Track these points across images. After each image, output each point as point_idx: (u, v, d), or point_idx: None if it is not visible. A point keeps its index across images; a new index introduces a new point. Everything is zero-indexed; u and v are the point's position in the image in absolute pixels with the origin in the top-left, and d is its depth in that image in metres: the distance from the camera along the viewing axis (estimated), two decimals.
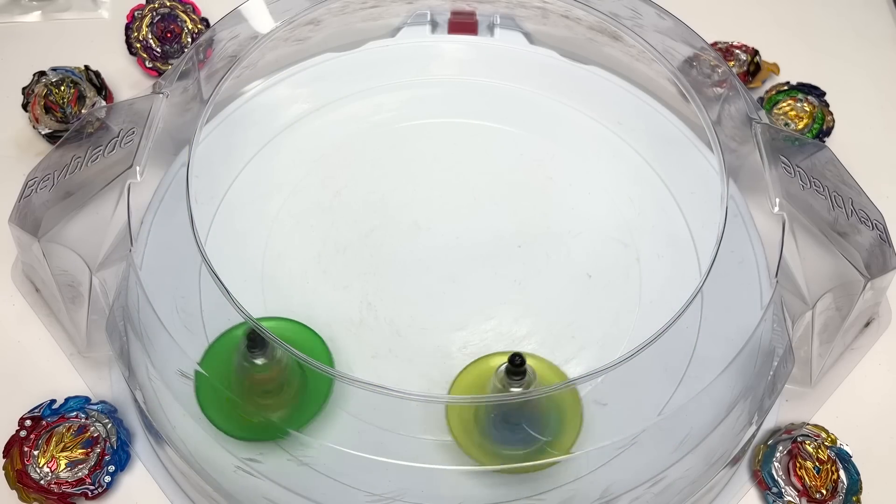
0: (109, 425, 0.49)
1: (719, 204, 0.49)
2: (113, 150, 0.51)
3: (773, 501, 0.49)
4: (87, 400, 0.50)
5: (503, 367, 0.42)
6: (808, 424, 0.51)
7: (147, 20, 0.65)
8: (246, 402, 0.45)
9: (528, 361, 0.41)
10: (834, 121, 0.63)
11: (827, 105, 0.64)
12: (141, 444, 0.50)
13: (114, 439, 0.49)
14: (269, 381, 0.44)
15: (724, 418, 0.46)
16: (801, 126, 0.63)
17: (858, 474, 0.49)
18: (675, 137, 0.58)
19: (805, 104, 0.63)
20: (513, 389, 0.41)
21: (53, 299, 0.53)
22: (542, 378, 0.44)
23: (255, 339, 0.42)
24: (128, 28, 0.65)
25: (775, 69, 0.66)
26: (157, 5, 0.66)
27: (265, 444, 0.45)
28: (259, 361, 0.43)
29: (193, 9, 0.66)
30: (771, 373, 0.47)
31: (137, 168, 0.49)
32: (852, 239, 0.51)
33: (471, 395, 0.45)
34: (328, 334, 0.49)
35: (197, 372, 0.45)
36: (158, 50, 0.65)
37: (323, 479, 0.44)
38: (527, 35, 0.63)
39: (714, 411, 0.46)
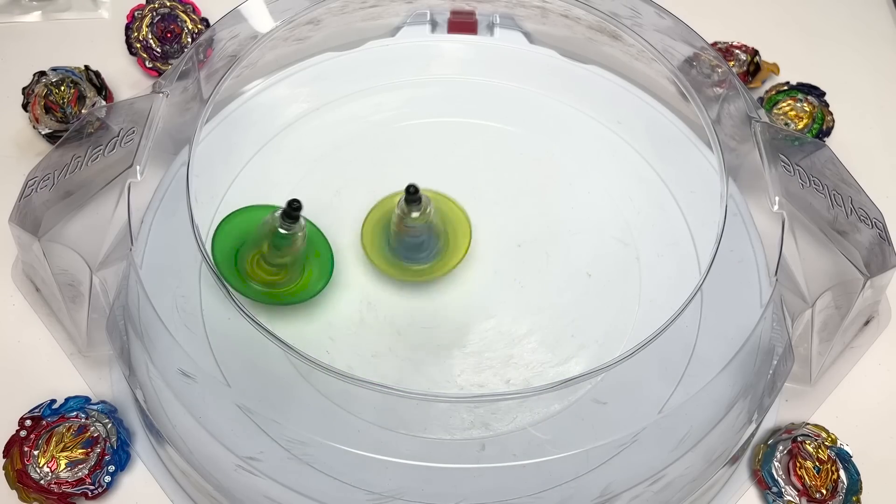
0: (109, 425, 0.49)
1: (719, 203, 0.49)
2: (113, 149, 0.51)
3: (773, 501, 0.49)
4: (87, 400, 0.50)
5: (402, 198, 0.48)
6: (808, 424, 0.51)
7: (147, 20, 0.65)
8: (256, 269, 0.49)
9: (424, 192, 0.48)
10: (834, 121, 0.63)
11: (827, 105, 0.64)
12: (141, 444, 0.50)
13: (114, 439, 0.49)
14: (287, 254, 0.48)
15: (724, 417, 0.46)
16: (800, 126, 0.63)
17: (858, 474, 0.49)
18: (674, 137, 0.58)
19: (805, 104, 0.63)
20: (413, 214, 0.49)
21: (54, 299, 0.53)
22: (436, 203, 0.50)
23: (291, 211, 0.46)
24: (128, 28, 0.66)
25: (775, 69, 0.66)
26: (157, 5, 0.66)
27: (266, 442, 0.45)
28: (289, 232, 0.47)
29: (193, 9, 0.66)
30: (770, 371, 0.48)
31: (137, 167, 0.49)
32: (852, 237, 0.51)
33: (377, 233, 0.52)
34: (329, 334, 0.49)
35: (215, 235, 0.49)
36: (158, 50, 0.65)
37: (323, 477, 0.45)
38: (526, 34, 0.63)
39: (714, 410, 0.46)
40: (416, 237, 0.50)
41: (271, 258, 0.48)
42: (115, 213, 0.50)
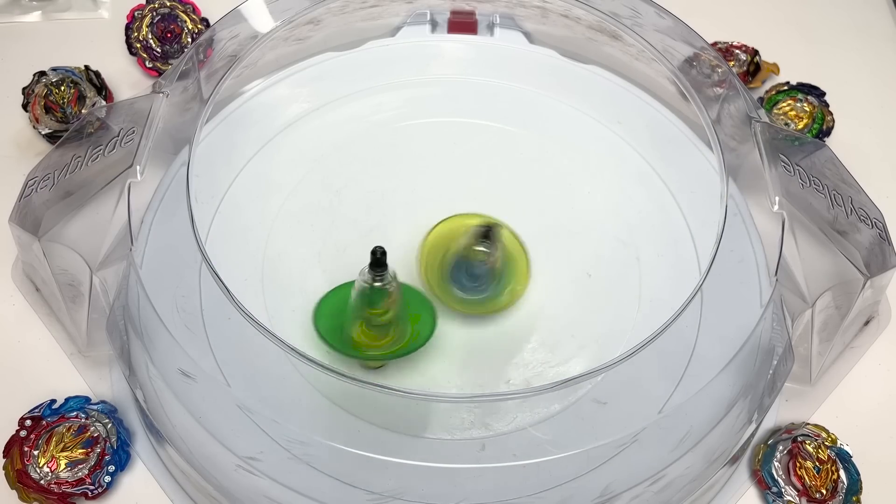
0: (109, 425, 0.49)
1: (719, 203, 0.49)
2: (113, 149, 0.51)
3: (773, 501, 0.49)
4: (87, 400, 0.50)
5: (474, 229, 0.49)
6: (808, 424, 0.51)
7: (147, 20, 0.65)
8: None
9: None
10: (834, 121, 0.63)
11: (827, 105, 0.64)
12: (141, 444, 0.50)
13: (114, 439, 0.49)
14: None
15: (724, 417, 0.46)
16: (801, 126, 0.63)
17: (858, 474, 0.49)
18: (675, 137, 0.58)
19: (805, 104, 0.63)
20: (479, 248, 0.49)
21: (54, 299, 0.53)
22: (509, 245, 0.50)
23: (379, 260, 0.46)
24: (128, 28, 0.66)
25: (775, 69, 0.66)
26: (157, 5, 0.66)
27: (266, 442, 0.45)
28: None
29: (193, 9, 0.66)
30: (770, 371, 0.48)
31: (138, 167, 0.49)
32: (852, 237, 0.51)
33: (442, 253, 0.51)
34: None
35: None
36: (158, 50, 0.65)
37: (323, 477, 0.45)
38: (526, 34, 0.63)
39: (714, 410, 0.46)
40: (480, 268, 0.49)
41: (374, 320, 0.47)
42: (115, 213, 0.50)
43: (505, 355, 0.49)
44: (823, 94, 0.65)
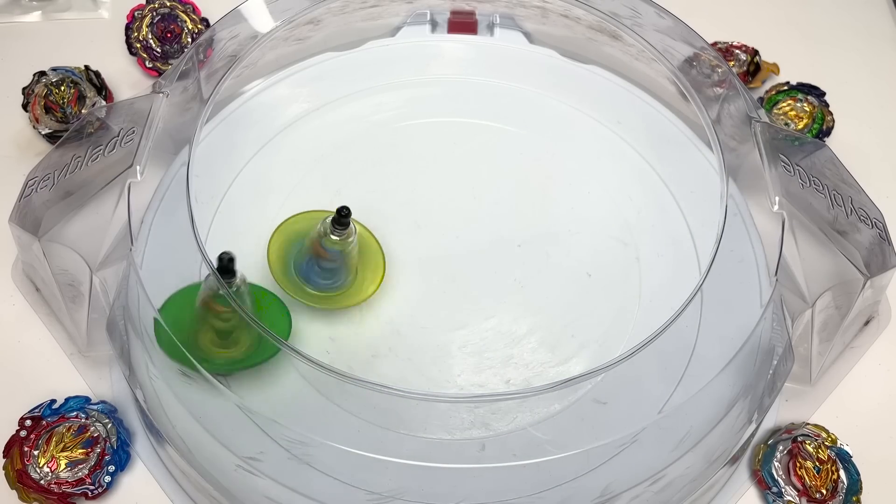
0: (109, 425, 0.49)
1: (719, 203, 0.49)
2: (113, 149, 0.51)
3: (773, 501, 0.49)
4: (87, 400, 0.50)
5: (329, 218, 0.48)
6: (808, 424, 0.51)
7: (147, 20, 0.65)
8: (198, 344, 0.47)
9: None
10: (834, 121, 0.63)
11: (827, 105, 0.64)
12: (141, 444, 0.50)
13: (114, 439, 0.49)
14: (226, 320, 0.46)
15: (724, 417, 0.46)
16: (801, 126, 0.63)
17: (858, 474, 0.49)
18: (674, 137, 0.58)
19: (805, 104, 0.63)
20: (332, 237, 0.48)
21: (54, 299, 0.53)
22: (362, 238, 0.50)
23: (225, 266, 0.44)
24: (128, 28, 0.66)
25: (775, 69, 0.66)
26: (157, 5, 0.66)
27: (266, 442, 0.45)
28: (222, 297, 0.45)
29: (193, 9, 0.66)
30: (770, 371, 0.48)
31: (138, 167, 0.49)
32: (852, 237, 0.51)
33: (285, 253, 0.50)
34: (329, 334, 0.49)
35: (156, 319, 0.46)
36: (158, 50, 0.65)
37: (323, 477, 0.45)
38: (526, 34, 0.63)
39: (714, 410, 0.46)
40: (331, 262, 0.49)
41: (220, 326, 0.47)
42: (115, 213, 0.50)
43: (505, 355, 0.49)
44: (823, 94, 0.65)
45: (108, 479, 0.48)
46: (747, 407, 0.47)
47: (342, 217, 0.47)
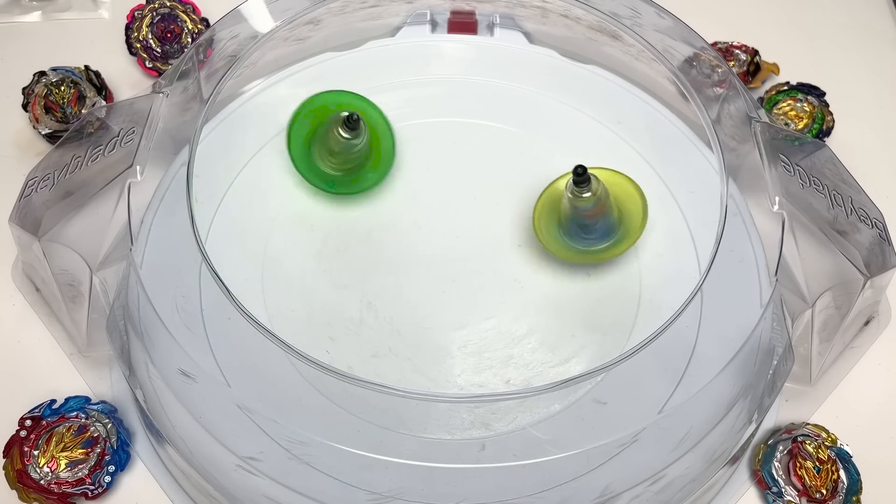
0: (109, 425, 0.49)
1: (719, 203, 0.49)
2: (113, 149, 0.51)
3: (773, 501, 0.49)
4: (87, 400, 0.50)
5: (570, 180, 0.49)
6: (808, 424, 0.51)
7: (147, 20, 0.66)
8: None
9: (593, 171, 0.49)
10: (834, 121, 0.63)
11: (827, 105, 0.64)
12: (141, 444, 0.50)
13: (114, 439, 0.49)
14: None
15: (724, 417, 0.46)
16: (801, 126, 0.63)
17: (858, 474, 0.49)
18: (674, 137, 0.58)
19: (805, 104, 0.63)
20: (584, 195, 0.49)
21: (54, 299, 0.53)
22: (609, 184, 0.51)
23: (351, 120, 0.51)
24: (128, 28, 0.66)
25: (775, 69, 0.66)
26: (157, 5, 0.66)
27: (266, 442, 0.45)
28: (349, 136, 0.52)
29: (193, 9, 0.66)
30: (770, 371, 0.48)
31: (138, 167, 0.49)
32: (852, 237, 0.51)
33: (545, 213, 0.52)
34: (328, 333, 0.49)
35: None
36: (158, 50, 0.65)
37: (323, 477, 0.45)
38: (526, 35, 0.63)
39: (714, 410, 0.46)
40: (589, 218, 0.50)
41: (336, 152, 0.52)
42: (115, 213, 0.50)
43: (505, 355, 0.49)
44: (823, 94, 0.65)
45: (108, 479, 0.48)
46: (747, 407, 0.47)
47: (580, 177, 0.48)
